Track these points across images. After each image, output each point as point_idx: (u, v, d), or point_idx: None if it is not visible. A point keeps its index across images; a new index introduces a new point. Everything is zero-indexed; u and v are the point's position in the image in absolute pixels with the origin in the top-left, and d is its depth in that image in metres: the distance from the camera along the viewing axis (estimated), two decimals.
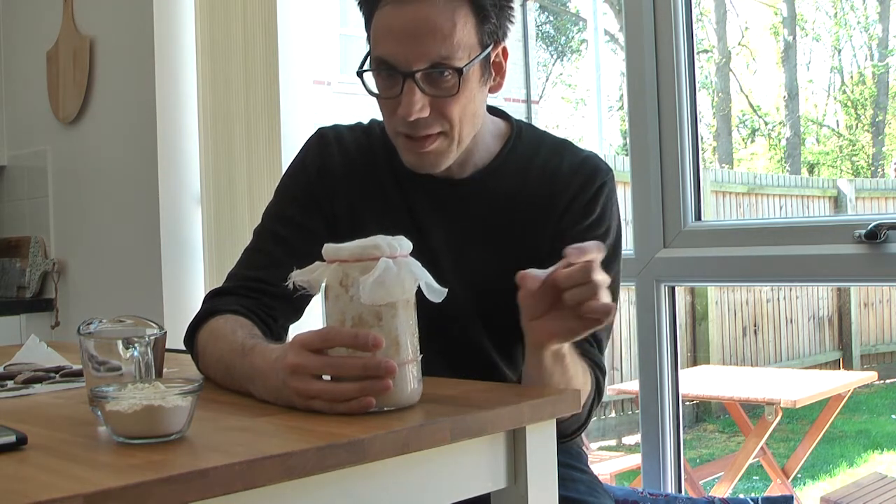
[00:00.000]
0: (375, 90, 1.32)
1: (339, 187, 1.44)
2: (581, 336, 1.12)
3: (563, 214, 1.39)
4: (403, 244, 1.05)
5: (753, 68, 10.67)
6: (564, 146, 1.45)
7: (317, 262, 1.06)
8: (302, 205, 1.45)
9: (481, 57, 1.30)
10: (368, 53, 1.33)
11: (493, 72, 1.36)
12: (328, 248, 1.06)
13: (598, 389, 1.34)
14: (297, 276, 1.06)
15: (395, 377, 1.02)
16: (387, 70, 1.29)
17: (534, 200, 1.40)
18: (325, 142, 1.47)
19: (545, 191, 1.40)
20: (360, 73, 1.32)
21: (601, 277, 1.08)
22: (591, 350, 1.36)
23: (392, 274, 1.02)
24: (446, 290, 1.06)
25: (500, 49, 1.35)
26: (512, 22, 1.36)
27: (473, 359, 1.39)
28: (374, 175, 1.45)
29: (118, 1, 2.98)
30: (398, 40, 1.26)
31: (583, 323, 1.10)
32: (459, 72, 1.27)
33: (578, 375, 1.23)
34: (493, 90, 1.38)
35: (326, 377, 1.03)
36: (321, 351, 1.03)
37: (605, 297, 1.07)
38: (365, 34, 1.36)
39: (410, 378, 1.05)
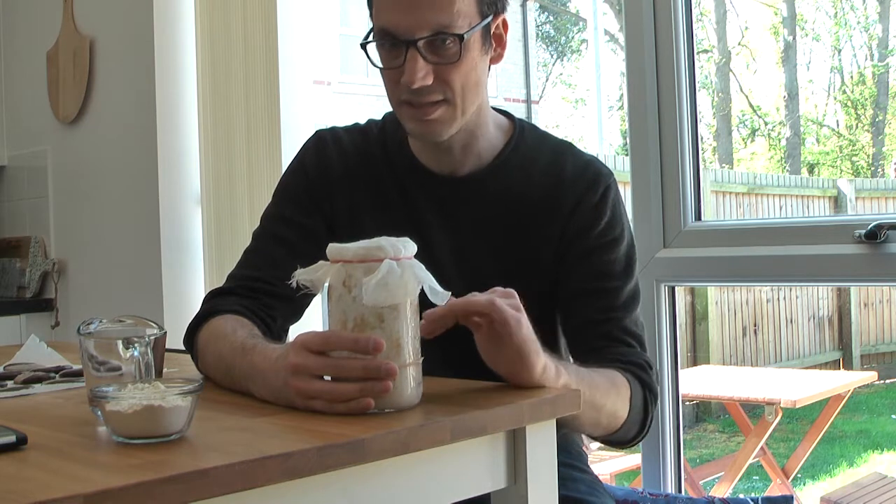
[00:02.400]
0: (378, 62, 1.33)
1: (337, 188, 1.45)
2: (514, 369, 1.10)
3: (570, 218, 1.39)
4: (408, 246, 1.05)
5: (753, 68, 10.68)
6: (567, 148, 1.46)
7: (320, 262, 1.06)
8: (301, 205, 1.45)
9: (482, 25, 1.31)
10: (372, 28, 1.34)
11: (494, 43, 1.37)
12: (332, 248, 1.06)
13: (646, 386, 1.34)
14: (301, 275, 1.06)
15: (396, 379, 1.03)
16: (389, 40, 1.30)
17: (536, 201, 1.40)
18: (323, 143, 1.48)
19: (548, 192, 1.40)
20: (363, 45, 1.33)
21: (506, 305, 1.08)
22: (630, 350, 1.36)
23: (395, 276, 1.02)
24: (450, 293, 1.06)
25: (500, 20, 1.36)
26: None
27: (474, 359, 1.38)
28: (373, 175, 1.45)
29: (118, 1, 2.98)
30: (399, 9, 1.28)
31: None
32: (461, 38, 1.28)
33: (601, 388, 1.23)
34: (493, 61, 1.39)
35: (328, 377, 1.04)
36: (323, 352, 1.03)
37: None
38: (367, 13, 1.36)
39: (411, 380, 1.05)
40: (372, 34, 1.33)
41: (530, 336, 1.10)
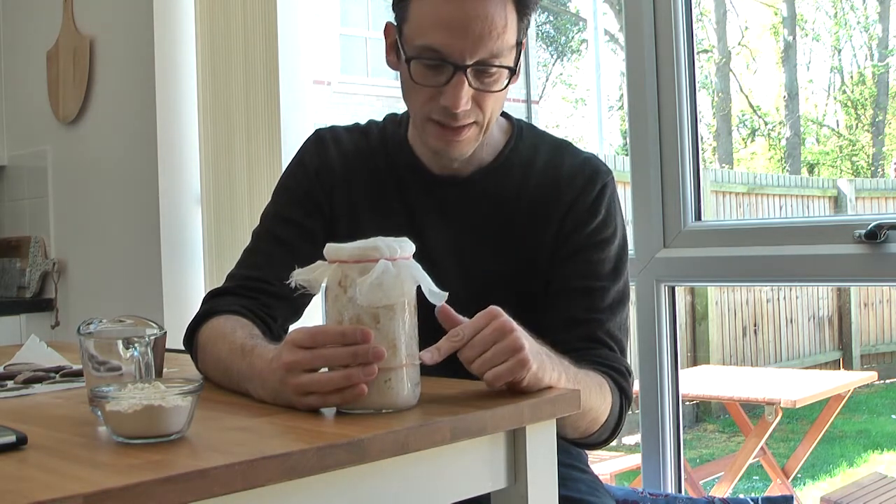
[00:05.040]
0: (411, 75, 1.31)
1: (337, 188, 1.44)
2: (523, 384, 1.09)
3: (566, 216, 1.39)
4: (404, 246, 1.05)
5: (753, 68, 10.67)
6: (565, 147, 1.46)
7: (318, 262, 1.06)
8: (300, 205, 1.45)
9: (518, 53, 1.32)
10: (398, 34, 1.32)
11: None
12: (329, 248, 1.06)
13: (623, 392, 1.34)
14: (299, 275, 1.06)
15: (393, 380, 1.03)
16: (435, 59, 1.28)
17: (535, 201, 1.41)
18: (323, 143, 1.48)
19: (546, 191, 1.40)
20: (408, 61, 1.30)
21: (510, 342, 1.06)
22: (611, 355, 1.36)
23: (390, 276, 1.02)
24: (447, 293, 1.06)
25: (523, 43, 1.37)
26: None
27: None
28: (373, 176, 1.45)
29: (118, 1, 2.98)
30: (453, 32, 1.26)
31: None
32: (511, 72, 1.30)
33: (591, 392, 1.23)
34: (511, 82, 1.38)
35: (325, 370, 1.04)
36: (314, 347, 1.03)
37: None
38: (392, 23, 1.35)
39: (407, 381, 1.05)
40: (408, 47, 1.30)
41: (534, 359, 1.09)
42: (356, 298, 1.02)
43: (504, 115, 1.49)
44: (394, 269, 1.02)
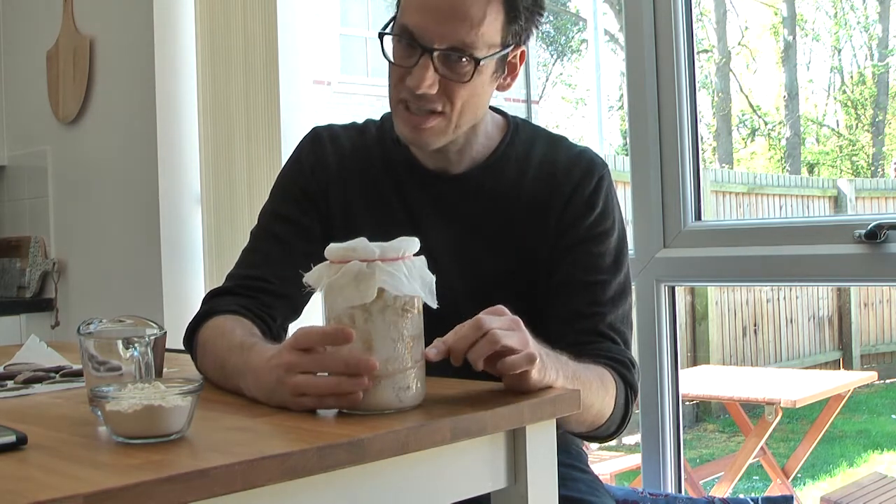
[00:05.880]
0: (390, 54, 1.34)
1: (333, 185, 1.45)
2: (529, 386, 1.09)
3: (565, 209, 1.40)
4: (387, 248, 1.04)
5: (753, 68, 10.66)
6: (559, 141, 1.47)
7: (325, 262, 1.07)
8: (298, 203, 1.45)
9: (500, 53, 1.32)
10: (394, 17, 1.35)
11: (507, 70, 1.37)
12: (328, 248, 1.06)
13: (628, 384, 1.34)
14: (307, 275, 1.07)
15: (388, 381, 1.02)
16: (408, 39, 1.30)
17: (532, 196, 1.41)
18: (319, 140, 1.48)
19: (543, 186, 1.41)
20: (381, 35, 1.34)
21: (497, 324, 1.05)
22: (614, 347, 1.36)
23: (361, 277, 1.01)
24: (435, 297, 1.06)
25: (519, 51, 1.37)
26: (538, 27, 1.38)
27: None
28: (370, 173, 1.45)
29: (118, 1, 2.98)
30: (426, 14, 1.28)
31: (509, 379, 1.08)
32: (476, 62, 1.29)
33: (593, 386, 1.23)
34: (501, 88, 1.39)
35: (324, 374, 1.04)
36: (311, 349, 1.03)
37: (509, 340, 1.04)
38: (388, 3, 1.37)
39: (406, 382, 1.04)
40: (392, 26, 1.34)
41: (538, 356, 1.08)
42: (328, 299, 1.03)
43: (500, 112, 1.49)
44: (368, 269, 1.02)
